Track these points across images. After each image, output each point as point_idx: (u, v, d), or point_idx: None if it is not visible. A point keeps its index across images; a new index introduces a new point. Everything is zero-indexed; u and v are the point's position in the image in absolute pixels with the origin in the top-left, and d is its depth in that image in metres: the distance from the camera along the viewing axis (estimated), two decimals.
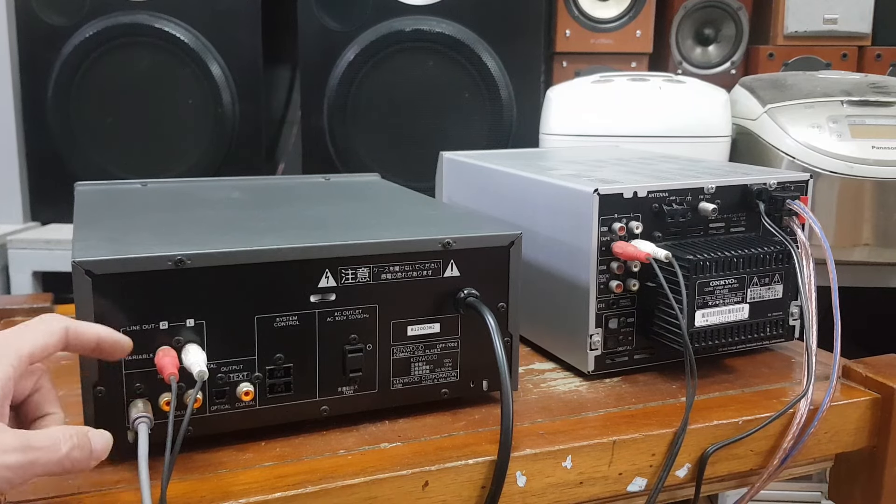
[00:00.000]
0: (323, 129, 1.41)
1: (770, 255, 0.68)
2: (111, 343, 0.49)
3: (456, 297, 0.60)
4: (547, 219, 0.73)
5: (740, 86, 1.41)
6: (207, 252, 0.53)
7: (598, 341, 0.69)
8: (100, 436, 0.46)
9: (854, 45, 1.75)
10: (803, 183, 0.74)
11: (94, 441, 0.45)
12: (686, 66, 1.79)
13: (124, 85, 1.37)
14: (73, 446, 0.44)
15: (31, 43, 1.37)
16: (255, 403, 0.56)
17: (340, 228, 0.63)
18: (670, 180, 0.70)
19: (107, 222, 0.63)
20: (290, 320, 0.56)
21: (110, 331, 0.50)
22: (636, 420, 0.62)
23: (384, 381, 0.60)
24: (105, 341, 0.49)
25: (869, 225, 1.20)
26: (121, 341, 0.50)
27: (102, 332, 0.49)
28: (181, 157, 1.41)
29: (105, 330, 0.49)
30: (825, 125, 1.23)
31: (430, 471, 0.54)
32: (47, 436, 0.43)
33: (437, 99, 1.40)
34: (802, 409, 0.64)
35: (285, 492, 0.51)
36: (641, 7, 1.68)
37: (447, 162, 0.93)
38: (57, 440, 0.43)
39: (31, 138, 1.40)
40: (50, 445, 0.43)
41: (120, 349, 0.50)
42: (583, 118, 1.29)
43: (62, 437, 0.43)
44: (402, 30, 1.38)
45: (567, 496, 0.59)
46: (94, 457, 0.45)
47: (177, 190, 0.80)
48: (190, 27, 1.38)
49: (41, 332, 0.46)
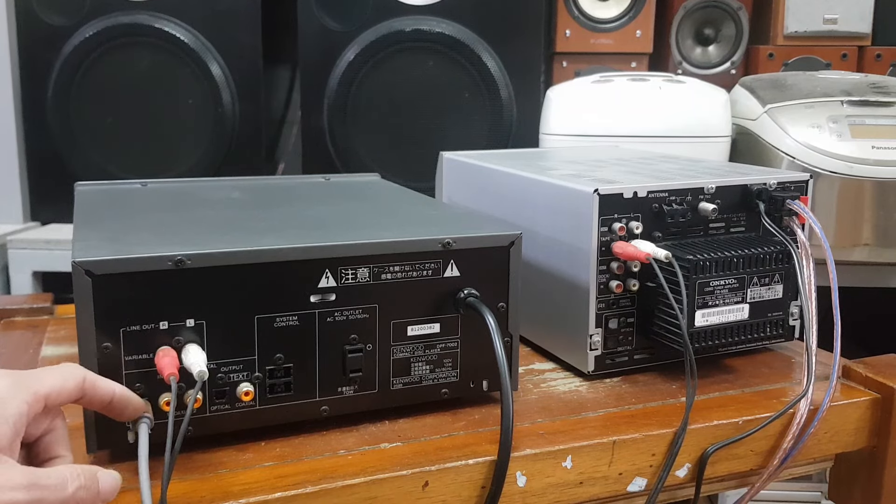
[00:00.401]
0: (323, 129, 1.41)
1: (770, 255, 0.68)
2: (124, 403, 0.50)
3: (456, 297, 0.60)
4: (547, 219, 0.73)
5: (740, 86, 1.41)
6: (207, 252, 0.53)
7: (598, 341, 0.69)
8: (108, 476, 0.46)
9: (854, 45, 1.75)
10: (803, 183, 0.74)
11: (101, 481, 0.45)
12: (686, 66, 1.79)
13: (124, 85, 1.37)
14: (80, 486, 0.43)
15: (31, 43, 1.37)
16: (255, 403, 0.56)
17: (340, 228, 0.63)
18: (670, 180, 0.70)
19: (107, 222, 0.63)
20: (290, 320, 0.56)
21: (125, 390, 0.50)
22: (636, 420, 0.62)
23: (384, 381, 0.60)
24: (118, 401, 0.49)
25: (869, 225, 1.20)
26: (133, 403, 0.50)
27: (117, 391, 0.49)
28: (181, 157, 1.40)
29: (120, 389, 0.49)
30: (825, 125, 1.23)
31: (430, 471, 0.54)
32: (55, 474, 0.43)
33: (437, 99, 1.40)
34: (802, 409, 0.64)
35: (285, 492, 0.51)
36: (641, 7, 1.68)
37: (447, 162, 0.93)
38: (64, 479, 0.43)
39: (31, 138, 1.40)
40: (57, 484, 0.42)
41: (132, 410, 0.50)
42: (583, 118, 1.29)
43: (70, 476, 0.43)
44: (402, 30, 1.38)
45: (567, 496, 0.59)
46: (101, 498, 0.45)
47: (177, 190, 0.80)
48: (190, 27, 1.38)
49: (60, 376, 0.46)
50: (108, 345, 0.52)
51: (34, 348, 0.78)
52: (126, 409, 0.50)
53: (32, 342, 0.80)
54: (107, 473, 0.46)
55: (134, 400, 0.50)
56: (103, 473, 0.45)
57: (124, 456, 0.53)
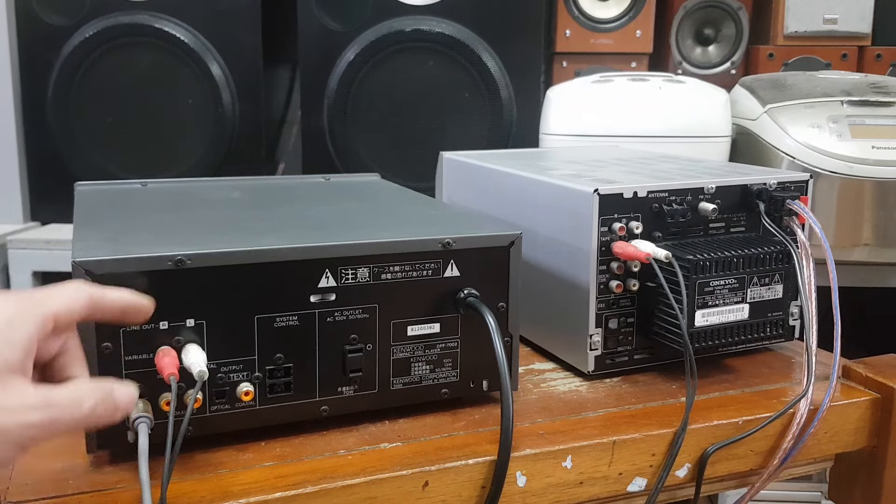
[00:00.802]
0: (323, 129, 1.41)
1: (770, 255, 0.68)
2: (135, 308, 0.48)
3: (456, 297, 0.60)
4: (547, 219, 0.73)
5: (740, 86, 1.41)
6: (207, 252, 0.53)
7: (598, 341, 0.69)
8: (124, 389, 0.44)
9: (854, 45, 1.75)
10: (803, 183, 0.74)
11: (118, 396, 0.44)
12: (686, 66, 1.79)
13: (124, 85, 1.37)
14: (97, 403, 0.42)
15: (31, 43, 1.37)
16: (255, 403, 0.56)
17: (340, 228, 0.63)
18: (670, 180, 0.70)
19: (107, 222, 0.63)
20: (290, 320, 0.56)
21: (133, 294, 0.48)
22: (636, 420, 0.62)
23: (384, 381, 0.60)
24: (129, 307, 0.48)
25: (869, 225, 1.20)
26: (144, 304, 0.49)
27: (126, 297, 0.48)
28: (181, 157, 1.40)
29: (128, 294, 0.48)
30: (825, 125, 1.23)
31: (430, 471, 0.54)
32: (70, 392, 0.42)
33: (437, 99, 1.40)
34: (802, 409, 0.64)
35: (285, 492, 0.51)
36: (641, 7, 1.68)
37: (447, 162, 0.93)
38: (79, 396, 0.42)
39: (31, 138, 1.40)
40: (72, 402, 0.41)
41: (144, 313, 0.49)
42: (583, 118, 1.29)
43: (85, 393, 0.42)
44: (402, 30, 1.38)
45: (567, 496, 0.59)
46: (120, 410, 0.44)
47: (177, 190, 0.80)
48: (190, 27, 1.38)
49: (68, 295, 0.45)
50: (108, 345, 0.52)
51: None
52: (139, 312, 0.48)
53: None
54: (122, 387, 0.44)
55: (144, 303, 0.49)
56: (119, 387, 0.44)
57: (124, 456, 0.53)
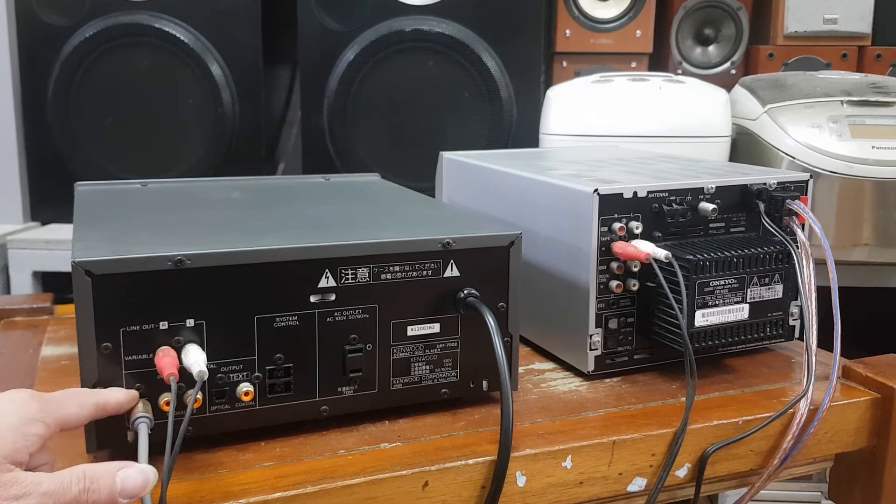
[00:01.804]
0: (323, 129, 1.41)
1: (770, 255, 0.68)
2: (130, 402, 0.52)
3: (456, 297, 0.60)
4: (547, 219, 0.73)
5: (740, 86, 1.41)
6: (207, 252, 0.53)
7: (598, 341, 0.69)
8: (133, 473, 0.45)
9: (854, 45, 1.75)
10: (803, 183, 0.74)
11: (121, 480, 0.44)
12: (686, 66, 1.79)
13: (124, 85, 1.37)
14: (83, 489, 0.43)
15: (31, 43, 1.37)
16: (255, 403, 0.56)
17: (340, 228, 0.63)
18: (670, 180, 0.70)
19: (107, 222, 0.63)
20: (289, 320, 0.56)
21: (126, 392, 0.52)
22: (636, 420, 0.62)
23: (384, 381, 0.60)
24: (125, 406, 0.51)
25: (869, 225, 1.20)
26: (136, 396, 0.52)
27: (122, 398, 0.51)
28: (181, 157, 1.40)
29: (123, 394, 0.51)
30: (825, 125, 1.23)
31: (430, 471, 0.54)
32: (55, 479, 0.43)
33: (437, 99, 1.40)
34: (802, 409, 0.64)
35: (285, 492, 0.51)
36: (641, 7, 1.68)
37: (447, 162, 0.93)
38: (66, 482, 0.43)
39: (31, 138, 1.40)
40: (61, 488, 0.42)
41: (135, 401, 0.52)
42: (583, 118, 1.29)
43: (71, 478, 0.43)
44: (402, 30, 1.38)
45: (567, 496, 0.59)
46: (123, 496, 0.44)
47: (177, 190, 0.80)
48: (190, 27, 1.37)
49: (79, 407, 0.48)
50: (108, 345, 0.52)
51: (34, 348, 0.78)
52: (132, 403, 0.52)
53: (32, 342, 0.80)
54: (132, 471, 0.44)
55: (135, 393, 0.52)
56: (126, 471, 0.44)
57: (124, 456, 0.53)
